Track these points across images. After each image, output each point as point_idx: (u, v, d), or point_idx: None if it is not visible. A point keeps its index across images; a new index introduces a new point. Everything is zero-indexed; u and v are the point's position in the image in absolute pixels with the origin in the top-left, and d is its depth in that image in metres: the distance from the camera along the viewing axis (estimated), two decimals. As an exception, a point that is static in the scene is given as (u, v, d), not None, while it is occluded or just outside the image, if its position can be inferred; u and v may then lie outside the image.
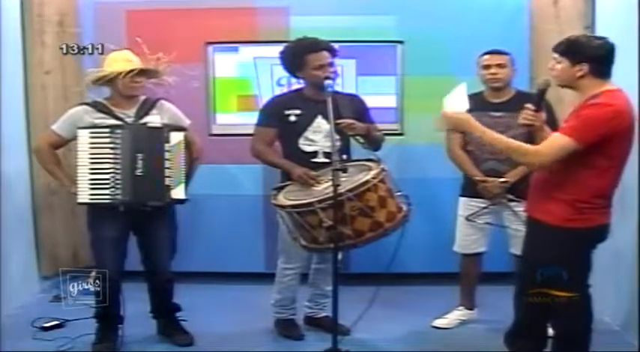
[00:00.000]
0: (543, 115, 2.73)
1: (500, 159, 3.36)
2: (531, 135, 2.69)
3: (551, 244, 2.57)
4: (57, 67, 4.26)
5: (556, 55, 2.60)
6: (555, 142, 2.49)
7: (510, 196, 3.37)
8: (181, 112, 3.35)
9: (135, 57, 3.18)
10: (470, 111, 3.45)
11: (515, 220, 3.35)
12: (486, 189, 3.39)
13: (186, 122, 3.34)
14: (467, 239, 3.57)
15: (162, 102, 3.29)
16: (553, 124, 2.92)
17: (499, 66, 3.41)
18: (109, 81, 3.14)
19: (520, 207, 3.23)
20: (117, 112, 3.18)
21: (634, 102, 3.23)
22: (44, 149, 3.25)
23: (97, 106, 3.19)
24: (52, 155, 3.24)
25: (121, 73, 3.10)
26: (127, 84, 3.14)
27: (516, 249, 3.23)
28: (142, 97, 3.25)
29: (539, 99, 2.69)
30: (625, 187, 3.34)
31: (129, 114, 3.20)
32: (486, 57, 3.46)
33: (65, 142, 3.25)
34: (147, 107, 3.24)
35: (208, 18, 4.24)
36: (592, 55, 2.52)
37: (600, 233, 2.63)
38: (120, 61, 3.15)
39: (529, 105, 2.69)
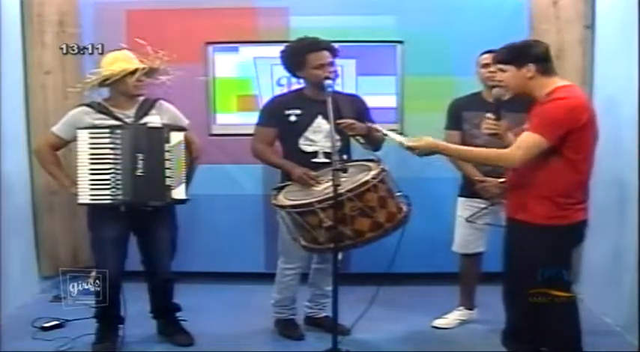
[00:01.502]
0: (504, 123, 2.81)
1: None
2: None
3: (535, 244, 2.59)
4: (57, 67, 4.26)
5: (500, 66, 2.68)
6: (526, 140, 2.53)
7: None
8: (182, 112, 3.34)
9: (133, 56, 3.19)
10: (468, 110, 3.50)
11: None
12: (485, 189, 3.39)
13: (185, 122, 3.33)
14: (466, 239, 3.57)
15: (162, 102, 3.29)
16: None
17: None
18: (116, 80, 3.13)
19: None
20: (116, 113, 3.18)
21: (634, 101, 3.26)
22: (44, 150, 3.25)
23: (97, 107, 3.18)
24: (52, 156, 3.24)
25: (132, 72, 3.11)
26: (135, 83, 3.14)
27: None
28: (141, 98, 3.25)
29: (497, 109, 2.79)
30: (625, 187, 3.35)
31: (128, 114, 3.19)
32: (486, 56, 3.46)
33: (65, 143, 3.24)
34: (146, 107, 3.23)
35: (208, 18, 4.24)
36: (535, 55, 2.60)
37: (580, 230, 2.66)
38: (122, 61, 3.15)
39: (489, 115, 2.79)
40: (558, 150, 2.52)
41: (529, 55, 2.60)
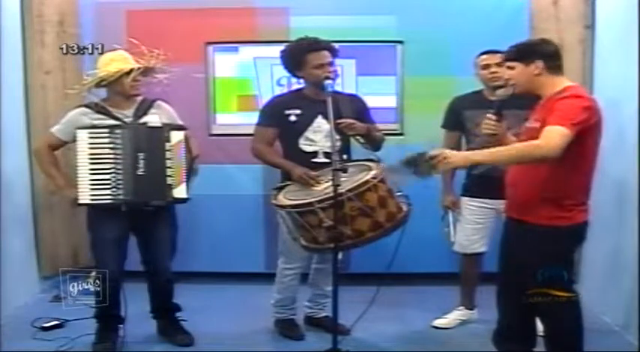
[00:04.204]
0: (505, 124, 2.78)
1: None
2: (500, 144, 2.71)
3: (539, 244, 2.57)
4: (57, 67, 4.26)
5: (509, 63, 2.68)
6: (554, 132, 2.42)
7: None
8: (182, 112, 3.34)
9: (130, 56, 3.19)
10: (470, 109, 3.50)
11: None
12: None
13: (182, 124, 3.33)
14: (467, 239, 3.57)
15: (160, 102, 3.29)
16: None
17: (498, 65, 3.40)
18: (112, 81, 3.14)
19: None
20: (115, 113, 3.18)
21: (634, 101, 3.26)
22: (43, 151, 3.25)
23: (95, 108, 3.18)
24: (51, 157, 3.24)
25: (128, 72, 3.11)
26: (131, 83, 3.14)
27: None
28: (140, 98, 3.25)
29: (499, 109, 2.76)
30: (625, 187, 3.36)
31: (127, 114, 3.20)
32: (484, 57, 3.46)
33: (64, 144, 3.24)
34: (145, 107, 3.24)
35: (208, 18, 4.24)
36: (543, 52, 2.60)
37: (583, 231, 2.66)
38: (118, 61, 3.15)
39: (490, 115, 2.75)
40: (563, 153, 2.45)
41: (537, 51, 2.60)
